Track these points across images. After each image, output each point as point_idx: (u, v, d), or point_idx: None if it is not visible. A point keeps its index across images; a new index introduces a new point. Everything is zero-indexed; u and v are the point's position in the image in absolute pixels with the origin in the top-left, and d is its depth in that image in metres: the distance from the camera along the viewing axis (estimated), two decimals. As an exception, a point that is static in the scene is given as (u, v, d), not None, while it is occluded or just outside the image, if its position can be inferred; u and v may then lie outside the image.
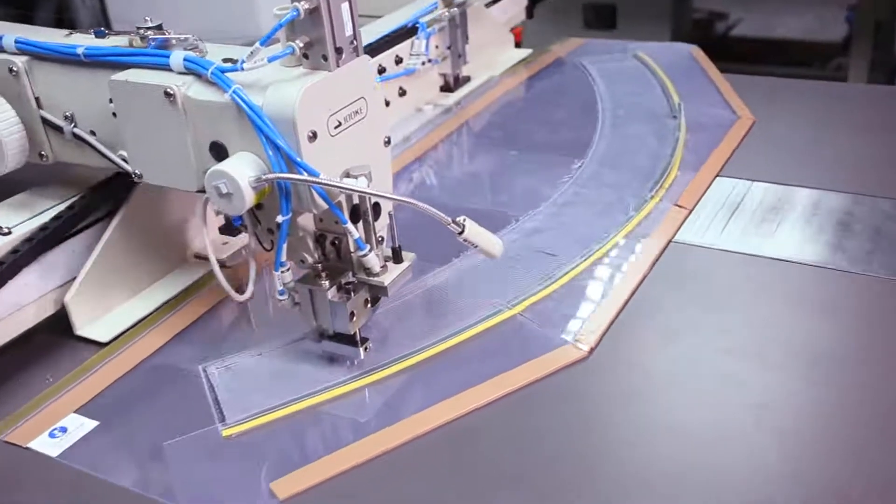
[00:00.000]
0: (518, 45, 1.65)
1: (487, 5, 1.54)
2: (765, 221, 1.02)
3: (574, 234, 1.01)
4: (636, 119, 1.30)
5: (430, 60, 1.33)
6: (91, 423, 0.77)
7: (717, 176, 1.12)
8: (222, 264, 0.95)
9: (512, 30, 1.64)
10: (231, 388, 0.80)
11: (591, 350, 0.82)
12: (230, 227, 0.97)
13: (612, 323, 0.86)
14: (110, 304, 0.91)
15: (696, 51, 1.56)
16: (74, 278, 0.87)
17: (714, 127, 1.25)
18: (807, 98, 1.37)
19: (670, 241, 0.99)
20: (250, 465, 0.72)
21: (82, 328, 0.88)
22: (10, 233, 0.84)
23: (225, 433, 0.75)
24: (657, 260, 0.96)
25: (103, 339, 0.88)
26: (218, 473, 0.72)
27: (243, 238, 0.97)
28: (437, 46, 1.35)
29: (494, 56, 1.56)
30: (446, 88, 1.44)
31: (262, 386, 0.80)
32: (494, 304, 0.89)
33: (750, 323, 0.86)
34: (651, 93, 1.39)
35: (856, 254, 0.94)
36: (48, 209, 0.88)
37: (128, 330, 0.90)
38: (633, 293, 0.90)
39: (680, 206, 1.06)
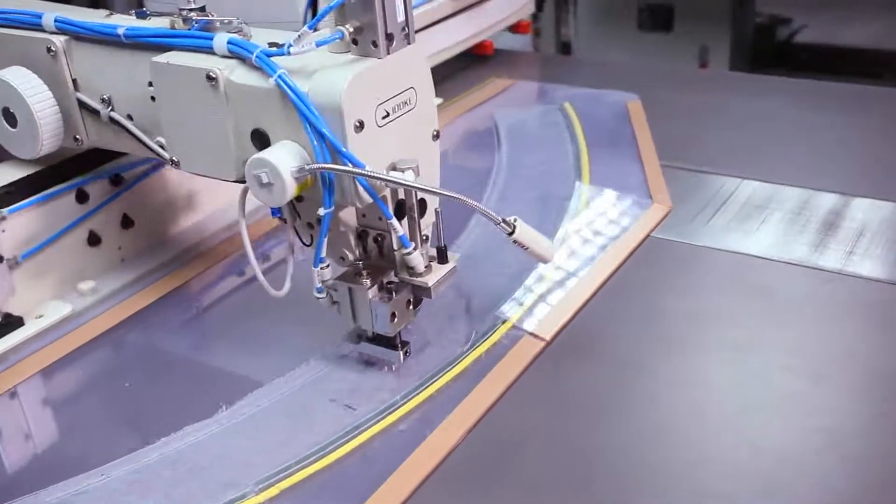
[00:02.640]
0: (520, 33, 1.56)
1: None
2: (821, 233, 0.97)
3: (389, 375, 0.78)
4: (527, 200, 1.06)
5: None
6: None
7: (591, 298, 0.87)
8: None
9: (519, 22, 1.59)
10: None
11: None
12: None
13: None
14: None
15: (633, 105, 1.32)
16: None
17: (618, 216, 1.02)
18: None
19: (510, 388, 0.75)
20: None
21: None
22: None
23: None
24: (476, 424, 0.72)
25: None
26: None
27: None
28: None
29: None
30: None
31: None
32: (237, 486, 0.66)
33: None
34: (559, 163, 1.15)
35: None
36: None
37: None
38: (423, 481, 0.66)
39: (536, 337, 0.81)
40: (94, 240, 0.94)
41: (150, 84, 0.76)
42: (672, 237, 0.99)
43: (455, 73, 1.50)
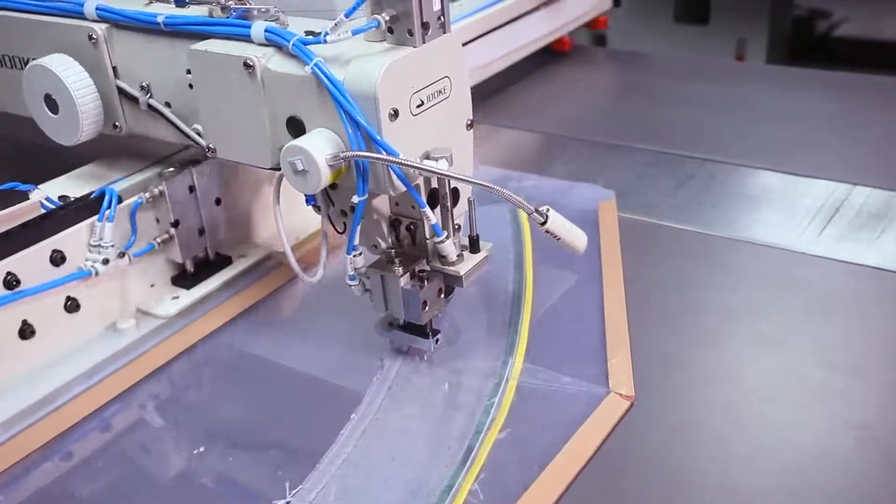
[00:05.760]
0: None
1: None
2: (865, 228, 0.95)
3: None
4: (434, 379, 0.78)
5: (122, 255, 0.83)
6: None
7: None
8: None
9: (597, 18, 1.58)
10: None
11: None
12: None
13: None
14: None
15: (605, 207, 1.01)
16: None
17: (559, 411, 0.73)
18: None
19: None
20: None
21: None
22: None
23: None
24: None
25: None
26: None
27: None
28: (157, 220, 0.87)
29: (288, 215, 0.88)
30: (182, 280, 0.91)
31: None
32: None
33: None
34: (490, 316, 0.85)
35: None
36: (115, 181, 0.86)
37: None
38: None
39: None
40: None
41: (189, 72, 0.77)
42: (708, 231, 0.98)
43: (533, 70, 1.48)
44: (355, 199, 0.70)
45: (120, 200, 0.84)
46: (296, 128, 0.72)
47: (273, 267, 0.95)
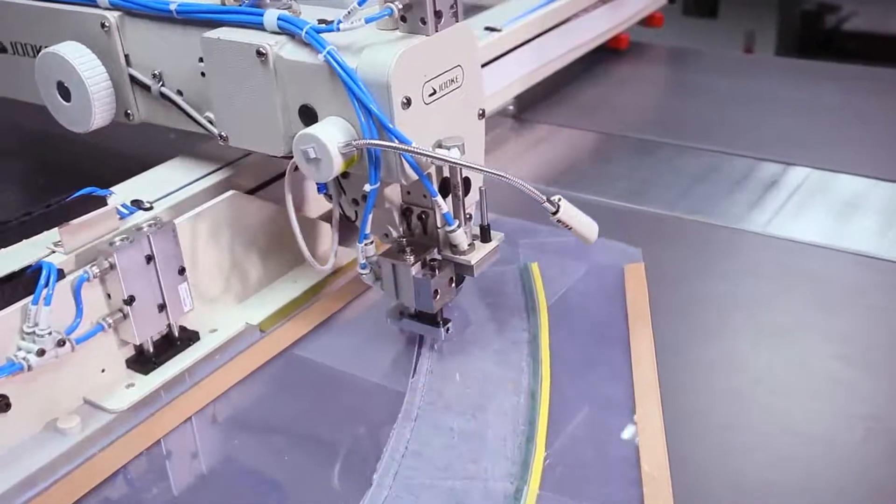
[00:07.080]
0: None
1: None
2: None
3: None
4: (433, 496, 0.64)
5: (62, 343, 0.69)
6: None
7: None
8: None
9: (653, 14, 1.55)
10: None
11: None
12: None
13: None
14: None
15: (633, 271, 0.87)
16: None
17: None
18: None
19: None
20: None
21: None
22: (151, 208, 0.79)
23: None
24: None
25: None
26: None
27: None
28: (108, 296, 0.74)
29: (257, 284, 0.88)
30: (140, 363, 0.78)
31: None
32: None
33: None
34: (499, 404, 0.73)
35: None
36: (188, 184, 0.83)
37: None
38: None
39: None
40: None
41: (201, 60, 0.78)
42: (715, 221, 0.98)
43: (589, 68, 1.46)
44: (367, 187, 0.70)
45: (61, 276, 0.69)
46: (308, 116, 0.72)
47: (252, 342, 0.81)
